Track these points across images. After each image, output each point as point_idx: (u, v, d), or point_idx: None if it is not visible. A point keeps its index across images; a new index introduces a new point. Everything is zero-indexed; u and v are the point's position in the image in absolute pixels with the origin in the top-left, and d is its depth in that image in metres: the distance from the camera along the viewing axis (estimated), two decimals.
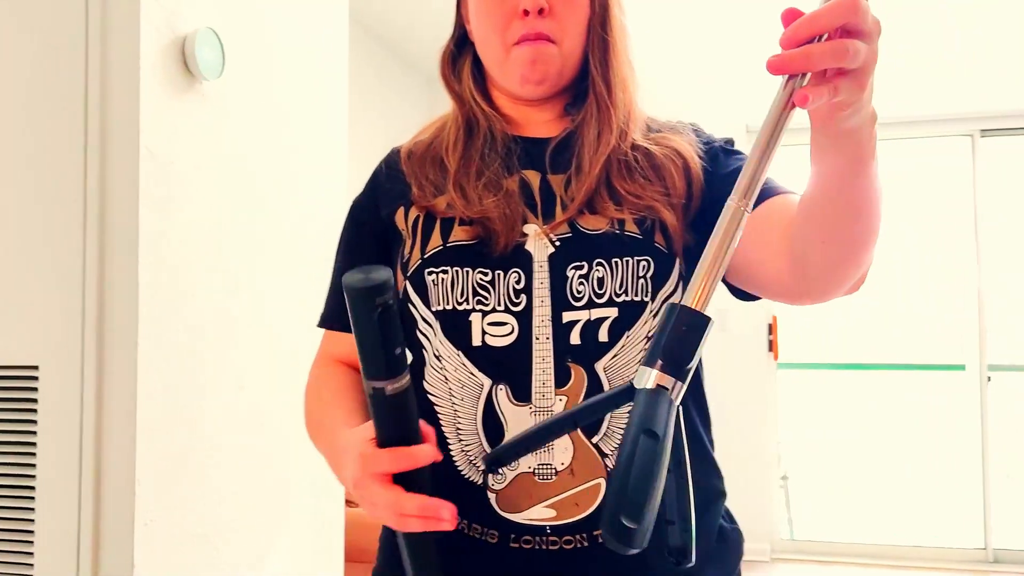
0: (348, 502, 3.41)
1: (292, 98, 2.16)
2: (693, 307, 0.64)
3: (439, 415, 0.98)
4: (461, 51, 1.11)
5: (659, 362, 0.63)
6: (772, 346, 4.95)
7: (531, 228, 0.97)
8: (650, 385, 0.63)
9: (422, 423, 0.81)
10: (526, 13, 0.99)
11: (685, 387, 0.65)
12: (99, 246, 1.67)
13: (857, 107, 0.71)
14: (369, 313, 0.69)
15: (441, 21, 1.16)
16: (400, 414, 0.76)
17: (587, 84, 1.04)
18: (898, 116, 4.89)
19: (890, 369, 5.55)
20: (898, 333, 5.29)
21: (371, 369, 0.72)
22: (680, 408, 0.99)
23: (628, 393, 0.65)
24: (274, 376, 2.05)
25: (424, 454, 0.78)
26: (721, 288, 1.11)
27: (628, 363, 0.96)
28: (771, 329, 4.95)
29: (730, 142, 1.08)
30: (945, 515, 5.68)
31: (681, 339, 0.63)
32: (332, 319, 1.10)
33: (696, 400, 1.04)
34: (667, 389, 0.63)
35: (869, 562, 4.77)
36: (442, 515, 0.78)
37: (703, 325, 0.63)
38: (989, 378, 4.79)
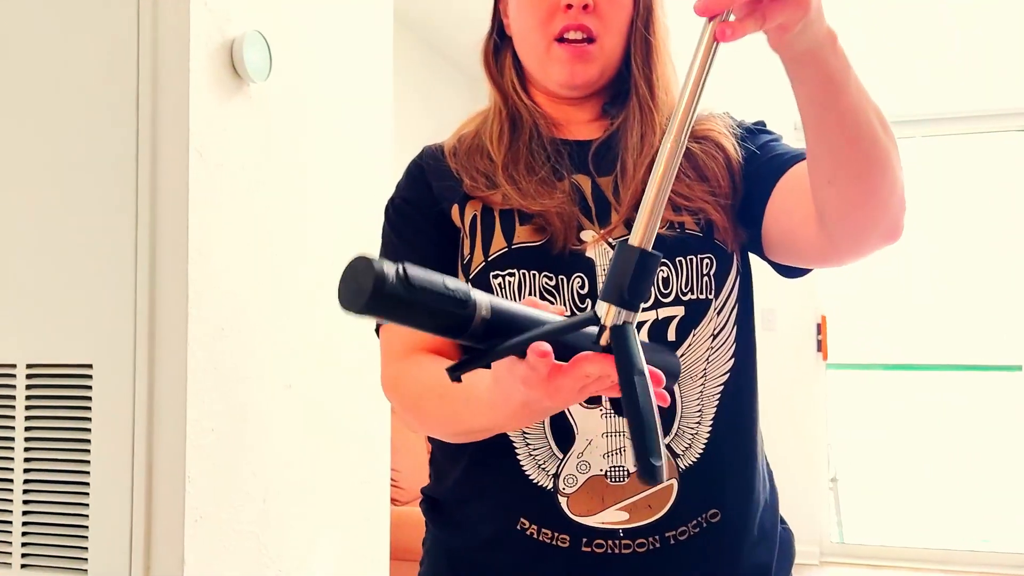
0: (394, 500, 3.43)
1: (337, 99, 2.17)
2: (645, 248, 0.67)
3: None
4: (500, 46, 1.10)
5: (622, 299, 0.68)
6: (821, 346, 4.88)
7: (588, 234, 0.96)
8: (619, 321, 0.67)
9: (525, 304, 0.70)
10: (568, 7, 0.98)
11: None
12: (150, 246, 1.70)
13: (804, 26, 0.70)
14: (395, 300, 0.59)
15: (485, 20, 1.15)
16: (513, 324, 0.67)
17: (627, 85, 1.03)
18: (953, 112, 4.80)
19: (943, 370, 5.44)
20: (951, 333, 5.18)
21: (452, 328, 0.64)
22: (734, 412, 0.97)
23: (589, 321, 0.69)
24: (321, 375, 2.07)
25: (543, 347, 0.66)
26: (769, 287, 1.10)
27: (696, 361, 0.96)
28: (820, 329, 4.88)
29: (760, 123, 1.06)
30: (1000, 519, 5.55)
31: (639, 278, 0.67)
32: None
33: (752, 400, 1.03)
34: (631, 324, 0.68)
35: (920, 567, 4.68)
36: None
37: (655, 264, 0.68)
38: None
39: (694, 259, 0.95)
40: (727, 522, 0.96)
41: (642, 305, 0.92)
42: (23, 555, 1.75)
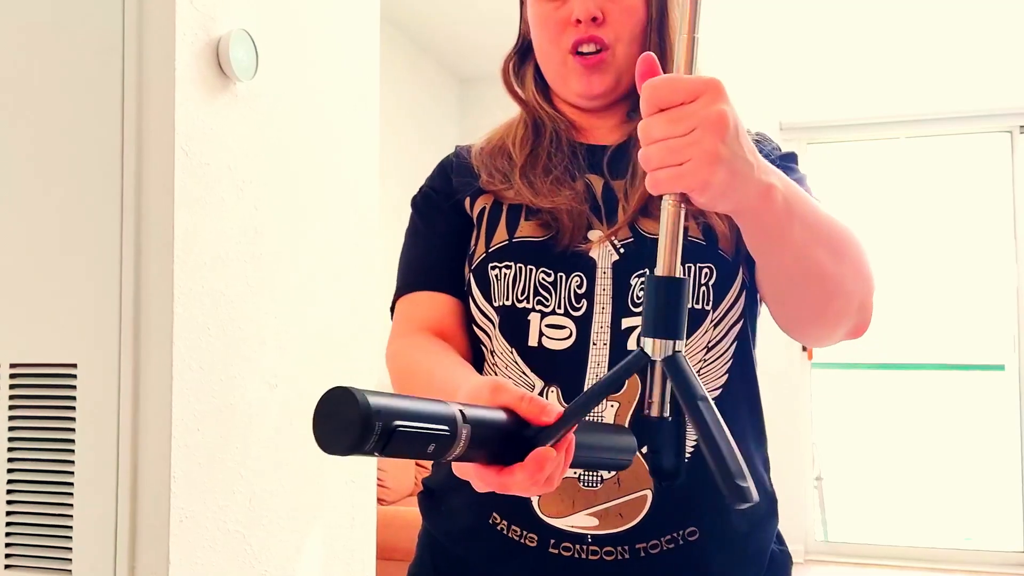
0: (381, 500, 3.42)
1: (324, 98, 2.17)
2: (670, 275, 0.69)
3: None
4: (524, 59, 1.11)
5: (665, 330, 0.69)
6: (806, 346, 4.90)
7: (595, 234, 0.96)
8: (668, 352, 0.68)
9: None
10: (578, 22, 0.98)
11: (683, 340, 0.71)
12: (135, 245, 1.69)
13: (712, 198, 0.70)
14: (371, 451, 0.61)
15: (473, 21, 1.16)
16: (491, 432, 0.68)
17: None
18: (935, 113, 4.83)
19: (927, 369, 5.48)
20: (935, 333, 5.22)
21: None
22: (732, 424, 0.97)
23: (639, 361, 0.70)
24: (306, 374, 2.07)
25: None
26: None
27: None
28: None
29: (791, 156, 1.05)
30: (984, 517, 5.60)
31: (671, 307, 0.69)
32: (410, 285, 1.04)
33: (752, 418, 1.02)
34: (681, 352, 0.69)
35: (905, 564, 4.71)
36: (544, 470, 0.67)
37: (684, 286, 0.69)
38: None
39: (692, 268, 0.94)
40: (705, 542, 0.93)
41: (635, 310, 0.92)
42: (7, 555, 1.74)
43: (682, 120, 0.67)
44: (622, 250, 0.95)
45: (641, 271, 0.94)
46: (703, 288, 0.95)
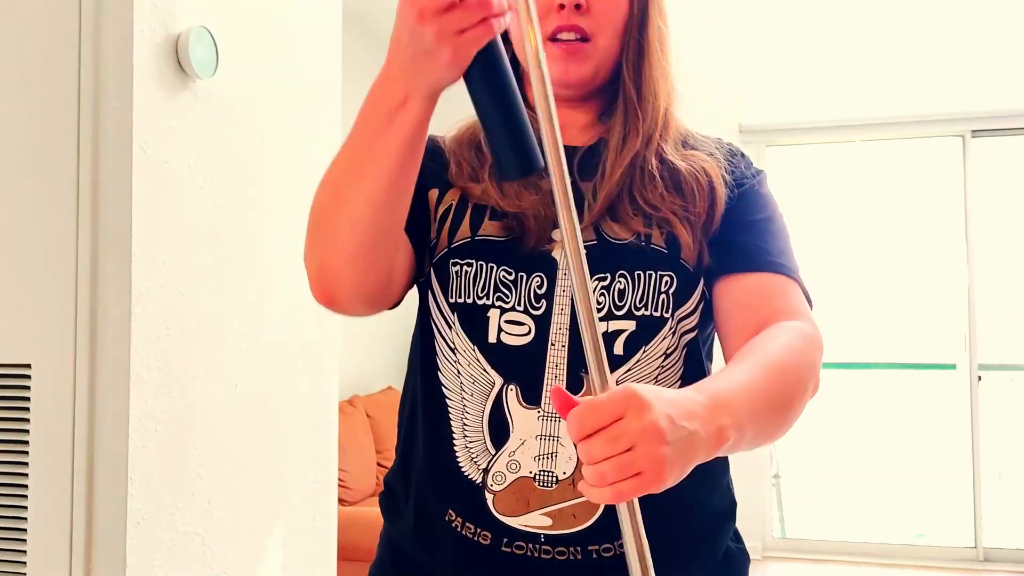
0: (342, 500, 3.41)
1: (285, 96, 2.15)
2: None
3: (449, 408, 0.98)
4: None
5: None
6: None
7: (559, 234, 0.96)
8: None
9: None
10: (562, 7, 0.98)
11: None
12: (92, 244, 1.67)
13: (677, 479, 0.73)
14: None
15: None
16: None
17: (618, 88, 1.03)
18: (889, 117, 4.91)
19: (881, 368, 5.58)
20: (889, 333, 5.31)
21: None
22: None
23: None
24: (267, 374, 2.05)
25: None
26: None
27: (642, 379, 0.95)
28: None
29: (762, 179, 1.06)
30: (936, 514, 5.71)
31: None
32: None
33: None
34: None
35: (860, 560, 4.79)
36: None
37: None
38: (980, 377, 4.81)
39: (653, 275, 0.95)
40: (659, 545, 0.92)
41: (596, 316, 0.93)
42: None
43: (620, 439, 0.69)
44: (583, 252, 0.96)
45: (602, 274, 0.95)
46: (663, 296, 0.95)
